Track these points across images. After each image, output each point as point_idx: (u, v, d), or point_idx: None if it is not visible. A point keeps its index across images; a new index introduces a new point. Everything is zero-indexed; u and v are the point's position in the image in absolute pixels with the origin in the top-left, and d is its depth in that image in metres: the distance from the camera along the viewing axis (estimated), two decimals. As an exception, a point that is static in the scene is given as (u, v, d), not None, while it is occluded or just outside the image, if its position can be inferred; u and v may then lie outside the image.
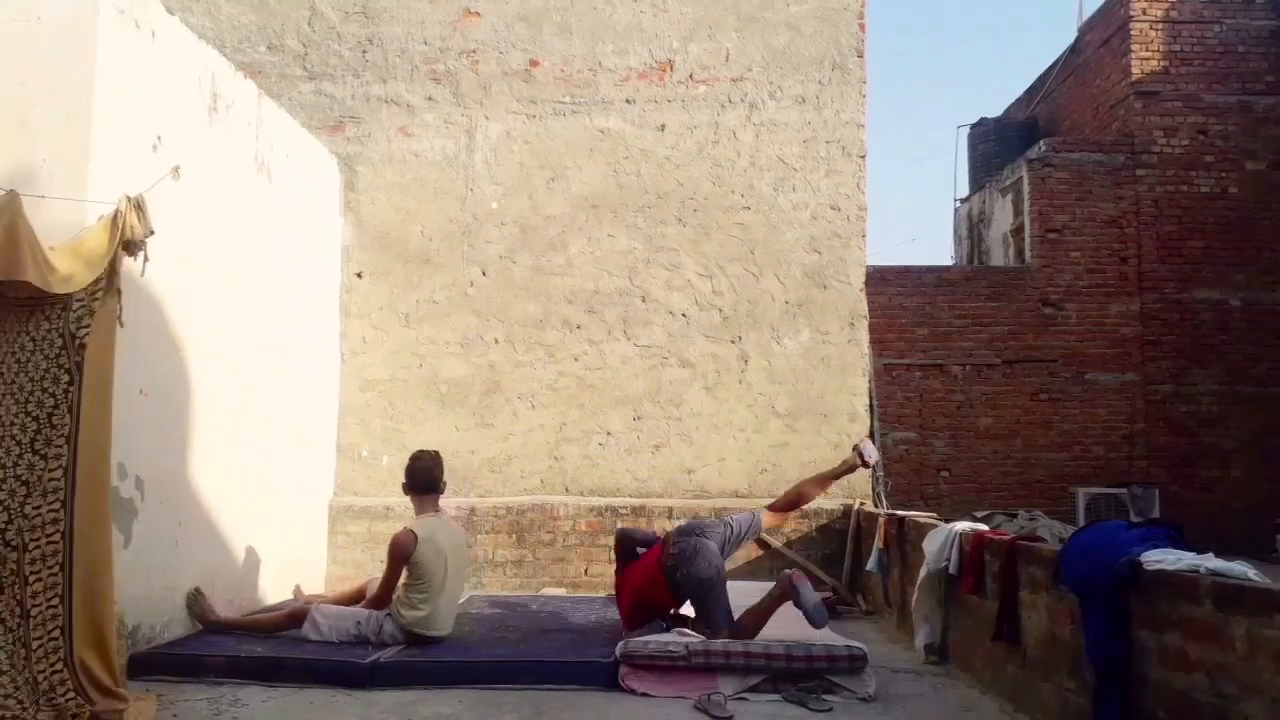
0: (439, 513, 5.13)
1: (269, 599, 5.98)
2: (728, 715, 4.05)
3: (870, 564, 6.26)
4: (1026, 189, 11.78)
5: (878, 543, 6.13)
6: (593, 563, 7.07)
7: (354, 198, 7.53)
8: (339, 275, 7.45)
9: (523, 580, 7.03)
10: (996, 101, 30.50)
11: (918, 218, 35.55)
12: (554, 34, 7.62)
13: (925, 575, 4.98)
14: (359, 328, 7.44)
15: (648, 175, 7.52)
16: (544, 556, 7.07)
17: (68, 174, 4.15)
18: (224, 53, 6.14)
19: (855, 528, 6.96)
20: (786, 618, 4.76)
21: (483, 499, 7.17)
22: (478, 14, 7.63)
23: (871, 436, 7.44)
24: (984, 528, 4.97)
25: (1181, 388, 11.35)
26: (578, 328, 7.42)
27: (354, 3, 7.65)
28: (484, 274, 7.47)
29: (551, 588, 6.99)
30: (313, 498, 6.97)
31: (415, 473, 5.11)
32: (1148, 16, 11.71)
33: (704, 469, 7.29)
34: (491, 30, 7.63)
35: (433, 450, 5.28)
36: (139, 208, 4.07)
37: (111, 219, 3.93)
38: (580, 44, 7.61)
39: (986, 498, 10.72)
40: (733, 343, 7.39)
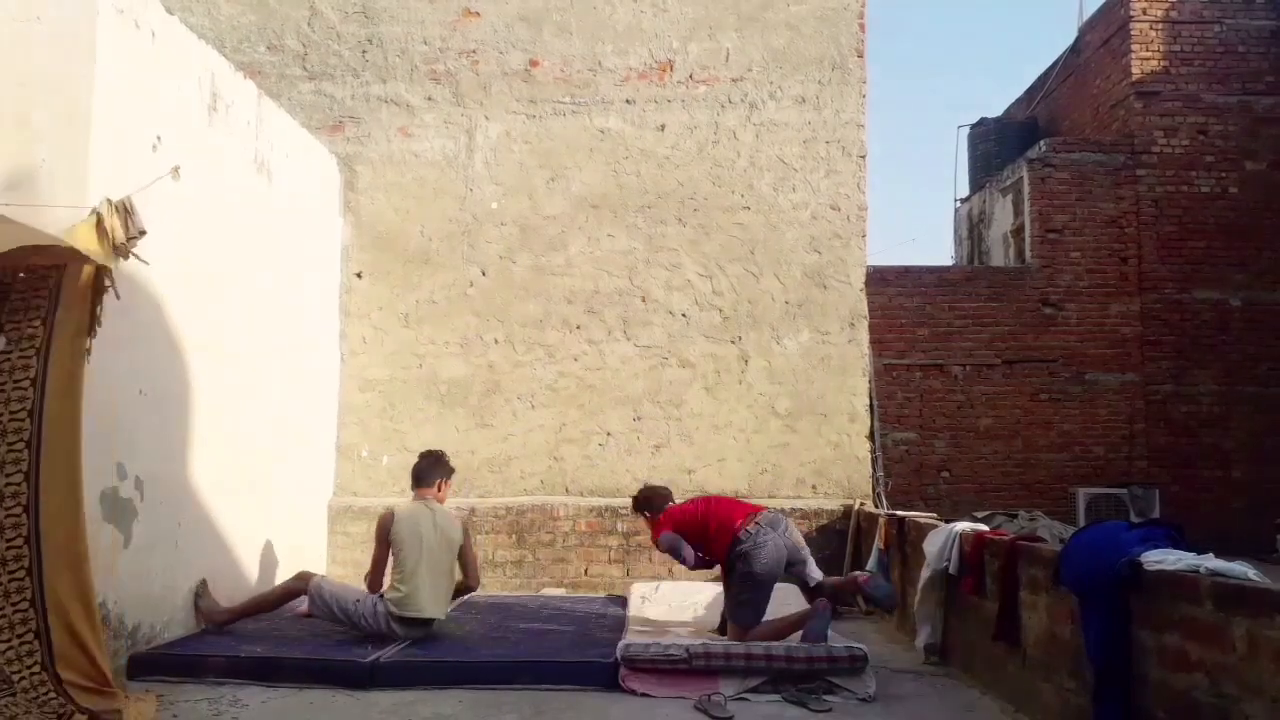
0: (427, 501, 5.30)
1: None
2: (728, 715, 4.05)
3: (870, 564, 6.25)
4: (1027, 189, 11.78)
5: (878, 543, 6.13)
6: (593, 563, 7.07)
7: (354, 198, 7.53)
8: (339, 275, 7.45)
9: (523, 580, 7.03)
10: (996, 101, 30.49)
11: (918, 218, 35.57)
12: (554, 34, 7.62)
13: (928, 577, 4.97)
14: (359, 328, 7.44)
15: (648, 175, 7.52)
16: (544, 557, 7.07)
17: (68, 174, 4.14)
18: (224, 53, 6.14)
19: (855, 528, 6.96)
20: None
21: (483, 499, 7.17)
22: (478, 14, 7.63)
23: (871, 437, 7.44)
24: (984, 528, 4.97)
25: (1181, 388, 11.34)
26: (578, 328, 7.42)
27: (354, 3, 7.65)
28: (484, 274, 7.47)
29: (551, 588, 6.99)
30: (312, 498, 6.97)
31: (413, 468, 5.49)
32: (1148, 16, 11.70)
33: (704, 469, 7.29)
34: (491, 30, 7.62)
35: (437, 451, 5.53)
36: (124, 210, 4.02)
37: (95, 222, 3.90)
38: (580, 44, 7.61)
39: (987, 498, 10.71)
40: (733, 343, 7.39)
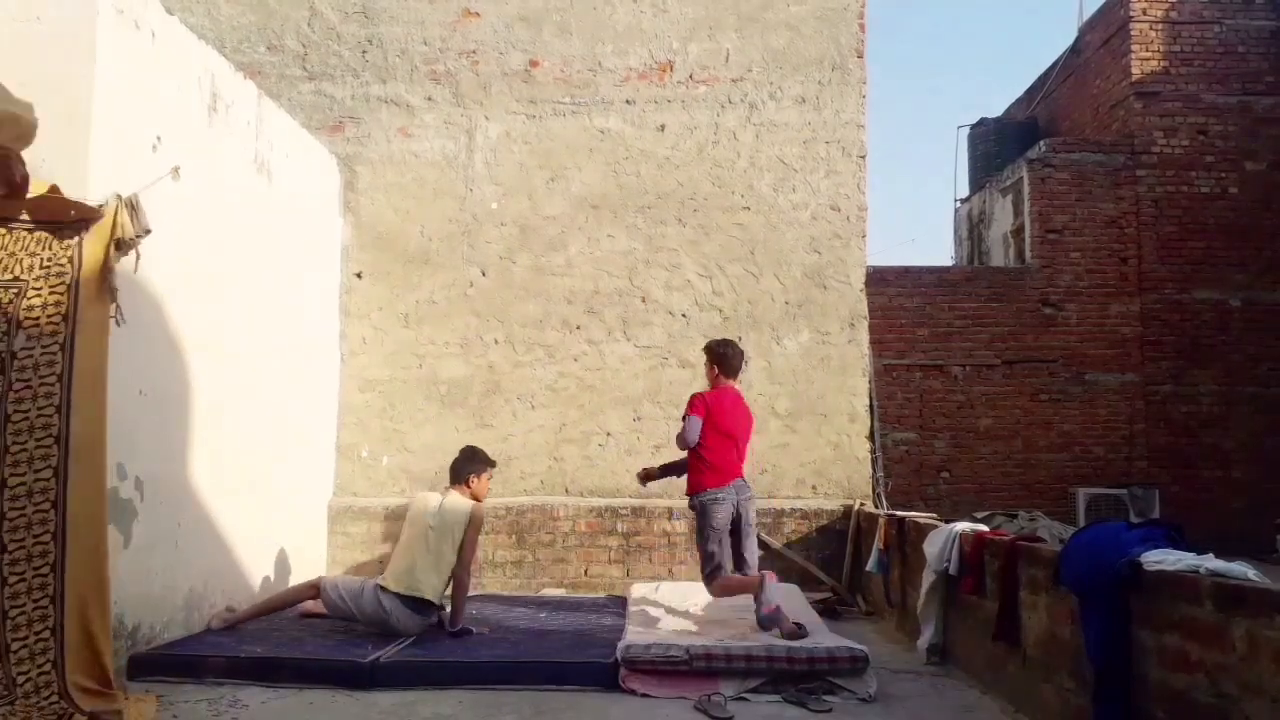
0: (447, 490, 5.51)
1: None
2: (728, 716, 4.05)
3: (870, 565, 6.26)
4: (1026, 189, 11.78)
5: (878, 543, 6.13)
6: (592, 563, 7.07)
7: (354, 198, 7.53)
8: (339, 275, 7.45)
9: (523, 580, 7.03)
10: (996, 101, 30.52)
11: (918, 218, 35.57)
12: (554, 34, 7.62)
13: (931, 581, 4.96)
14: (359, 328, 7.44)
15: (648, 175, 7.52)
16: (544, 557, 7.06)
17: (68, 174, 4.14)
18: (224, 53, 6.15)
19: (855, 528, 6.96)
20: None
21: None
22: (477, 14, 7.63)
23: (871, 437, 7.44)
24: (984, 528, 4.96)
25: (1181, 388, 11.34)
26: (577, 328, 7.42)
27: (354, 3, 7.65)
28: (484, 274, 7.47)
29: (551, 588, 6.99)
30: (312, 498, 6.97)
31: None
32: (1148, 17, 11.71)
33: (704, 469, 7.27)
34: (491, 30, 7.63)
35: (469, 447, 5.73)
36: (131, 207, 4.05)
37: (108, 219, 3.92)
38: (580, 44, 7.61)
39: (987, 498, 10.71)
40: (733, 343, 7.38)
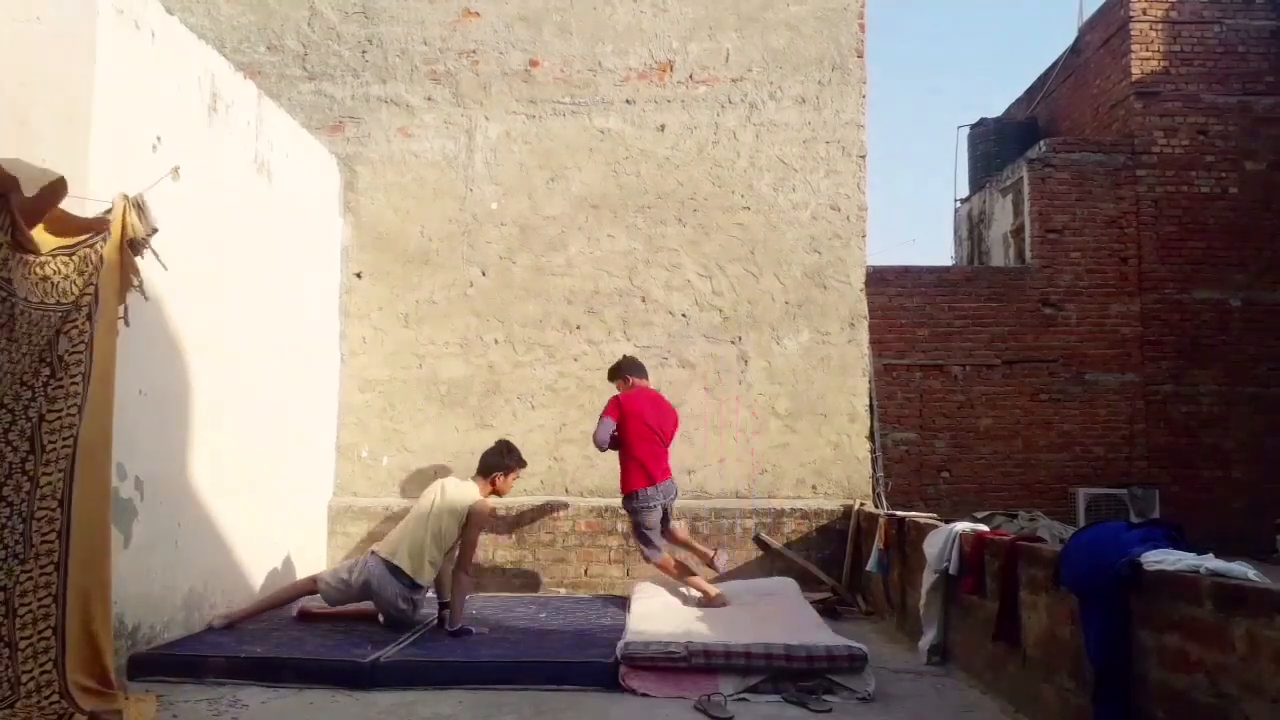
0: (465, 480, 5.65)
1: (269, 599, 5.97)
2: (728, 715, 4.05)
3: (870, 564, 6.25)
4: (1026, 189, 11.78)
5: (878, 543, 6.12)
6: (593, 563, 7.07)
7: (354, 198, 7.53)
8: (339, 275, 7.45)
9: (523, 580, 7.03)
10: (996, 101, 30.53)
11: (918, 218, 35.58)
12: (554, 34, 7.62)
13: (932, 581, 4.96)
14: (358, 328, 7.44)
15: (648, 175, 7.52)
16: (544, 557, 7.06)
17: (68, 174, 4.09)
18: (224, 53, 6.15)
19: (855, 528, 6.96)
20: (782, 619, 4.76)
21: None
22: (477, 14, 7.63)
23: (871, 437, 7.44)
24: (984, 528, 4.96)
25: (1181, 388, 11.34)
26: (577, 328, 7.42)
27: (354, 3, 7.65)
28: (484, 274, 7.47)
29: (552, 588, 6.98)
30: (312, 498, 6.97)
31: None
32: (1148, 16, 11.71)
33: (704, 469, 7.29)
34: (491, 30, 7.63)
35: (497, 443, 5.86)
36: (138, 207, 4.07)
37: (116, 219, 3.93)
38: (580, 44, 7.61)
39: (987, 498, 10.71)
40: (733, 343, 7.39)
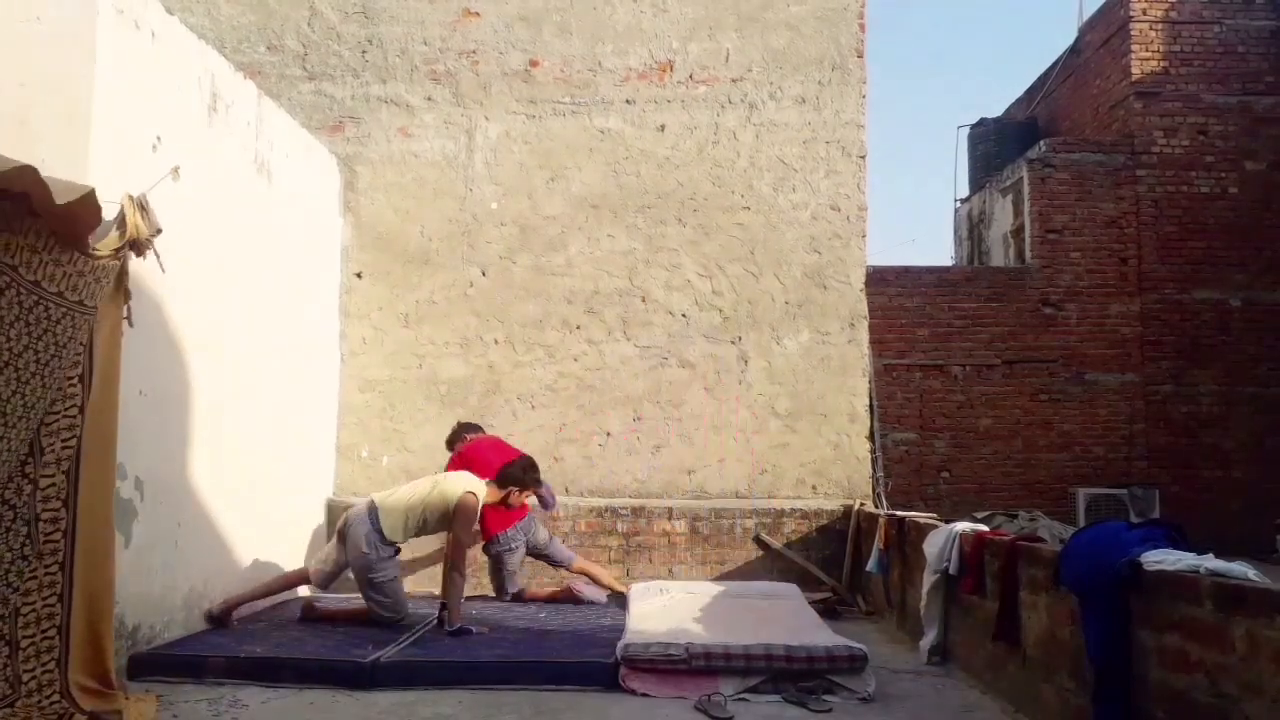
0: (458, 475, 5.68)
1: (269, 600, 5.96)
2: (728, 715, 4.05)
3: (870, 565, 6.25)
4: (1026, 189, 11.78)
5: (878, 543, 6.12)
6: (593, 563, 7.06)
7: (354, 198, 7.53)
8: (339, 275, 7.45)
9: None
10: (996, 101, 30.52)
11: (918, 218, 35.59)
12: (554, 34, 7.62)
13: (933, 581, 4.96)
14: (358, 328, 7.44)
15: (648, 175, 7.52)
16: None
17: (68, 174, 4.11)
18: (224, 53, 6.14)
19: (855, 528, 6.95)
20: (782, 620, 4.76)
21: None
22: (477, 14, 7.63)
23: (871, 437, 7.44)
24: (984, 528, 4.96)
25: (1181, 388, 11.34)
26: (577, 328, 7.42)
27: (354, 3, 7.65)
28: (484, 274, 7.47)
29: (552, 588, 6.97)
30: (312, 498, 6.97)
31: None
32: (1148, 17, 11.71)
33: (704, 469, 7.29)
34: (491, 30, 7.63)
35: (532, 460, 5.91)
36: (142, 207, 4.08)
37: (117, 219, 3.93)
38: (580, 44, 7.61)
39: (987, 498, 10.71)
40: (733, 343, 7.39)
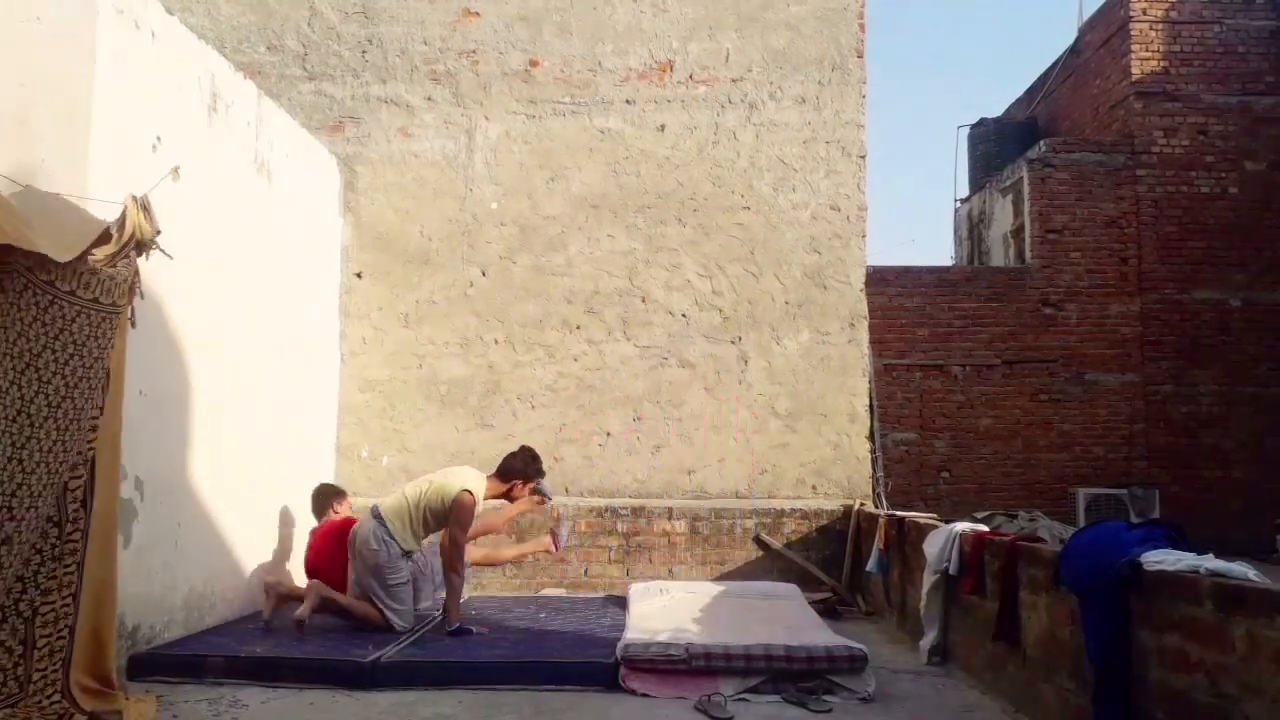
0: (474, 471, 5.60)
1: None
2: (728, 716, 4.05)
3: (870, 565, 6.26)
4: (1026, 189, 11.78)
5: (878, 543, 6.13)
6: (592, 563, 7.07)
7: (354, 198, 7.53)
8: (339, 275, 7.45)
9: (523, 580, 7.03)
10: (996, 101, 30.52)
11: (918, 218, 35.60)
12: (554, 34, 7.62)
13: (933, 581, 4.96)
14: (358, 328, 7.44)
15: (648, 175, 7.52)
16: (544, 557, 7.04)
17: (67, 174, 4.14)
18: (224, 53, 6.15)
19: (855, 529, 6.96)
20: (782, 620, 4.76)
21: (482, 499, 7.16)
22: (477, 14, 7.63)
23: (871, 437, 7.44)
24: (984, 528, 4.96)
25: (1181, 388, 11.34)
26: (577, 328, 7.42)
27: (354, 3, 7.65)
28: (484, 274, 7.47)
29: (551, 588, 6.99)
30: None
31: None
32: (1148, 17, 11.71)
33: (704, 469, 7.29)
34: (491, 30, 7.62)
35: (533, 451, 5.77)
36: (145, 208, 4.08)
37: (117, 220, 3.94)
38: (580, 44, 7.61)
39: (987, 498, 10.71)
40: (733, 343, 7.39)
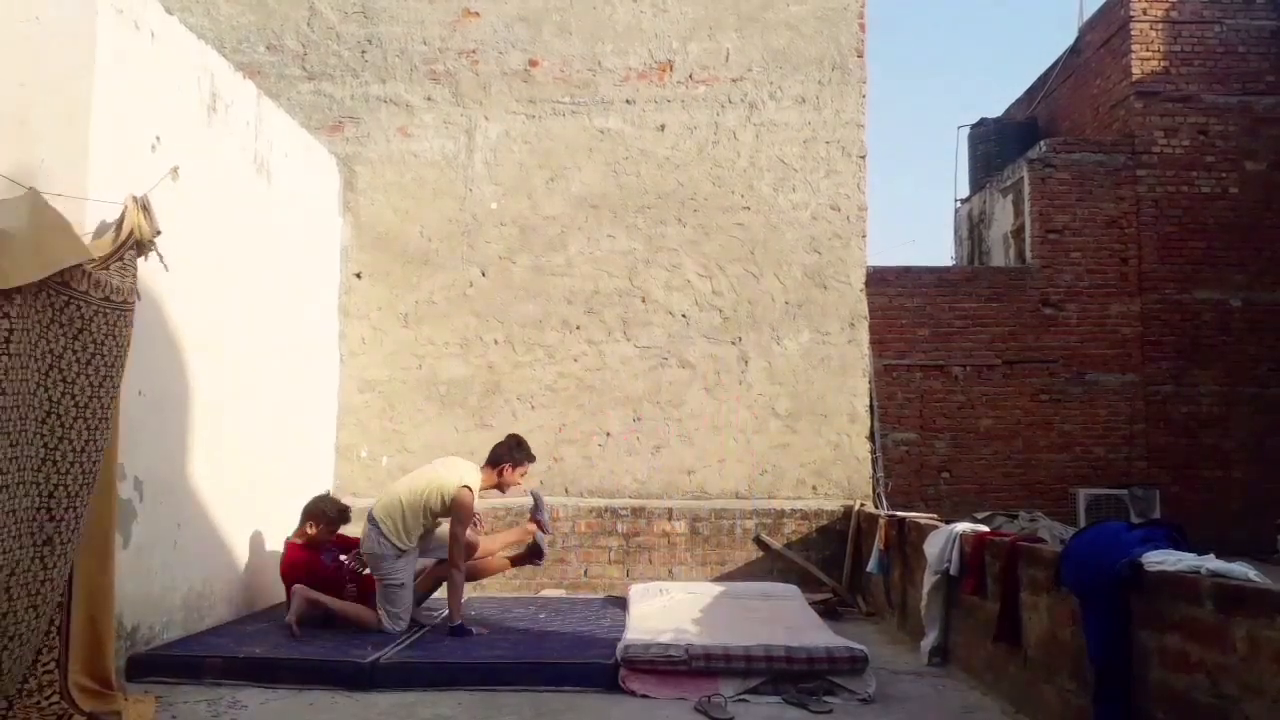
0: (465, 463, 5.57)
1: (269, 599, 5.97)
2: (728, 717, 4.05)
3: (871, 565, 6.25)
4: (1027, 189, 11.78)
5: (878, 544, 6.12)
6: (592, 563, 7.07)
7: (353, 198, 7.53)
8: (338, 275, 7.44)
9: (523, 581, 7.01)
10: (996, 101, 30.55)
11: (918, 218, 35.60)
12: (553, 34, 7.61)
13: (934, 582, 4.96)
14: (358, 328, 7.44)
15: (648, 175, 7.52)
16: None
17: (67, 174, 4.14)
18: (223, 53, 6.14)
19: (855, 529, 6.95)
20: (782, 621, 4.75)
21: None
22: (477, 14, 7.63)
23: (871, 437, 7.44)
24: (984, 529, 4.96)
25: (1182, 388, 11.34)
26: (577, 328, 7.41)
27: (353, 3, 7.65)
28: (483, 274, 7.47)
29: (551, 588, 6.98)
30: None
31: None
32: (1148, 16, 11.70)
33: (704, 470, 7.28)
34: (491, 30, 7.62)
35: (517, 436, 5.72)
36: (145, 208, 4.09)
37: (116, 220, 3.95)
38: (580, 44, 7.60)
39: (987, 499, 10.69)
40: (733, 343, 7.39)
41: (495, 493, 5.75)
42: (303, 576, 5.38)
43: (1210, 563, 2.90)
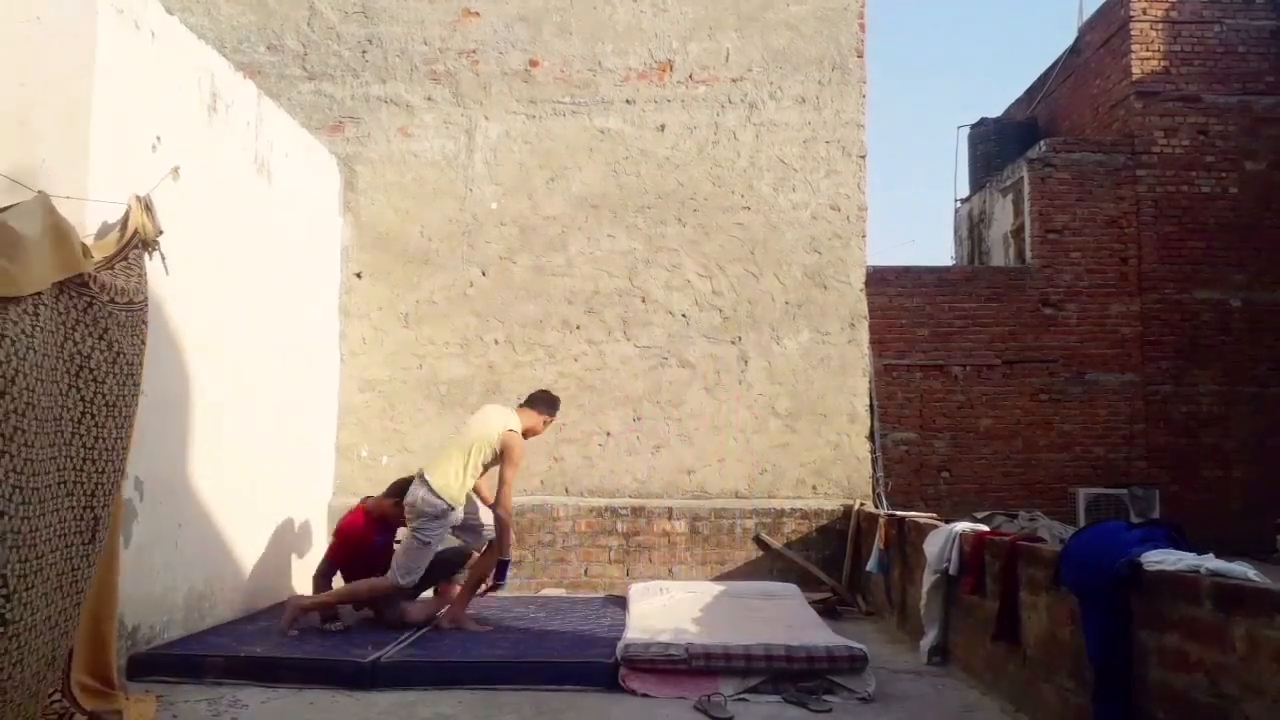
0: (504, 407, 5.61)
1: (269, 599, 5.97)
2: (728, 716, 4.05)
3: (870, 564, 6.26)
4: (1027, 189, 11.78)
5: (878, 543, 6.13)
6: (592, 563, 7.08)
7: (353, 198, 7.53)
8: (338, 275, 7.45)
9: (523, 580, 7.02)
10: (996, 101, 30.55)
11: (918, 218, 35.60)
12: (554, 34, 7.62)
13: (933, 581, 4.96)
14: (358, 328, 7.44)
15: (648, 175, 7.52)
16: (544, 557, 7.07)
17: (68, 174, 4.14)
18: (224, 53, 6.14)
19: (855, 528, 6.96)
20: (782, 620, 4.76)
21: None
22: (477, 14, 7.63)
23: (871, 437, 7.44)
24: (984, 528, 4.96)
25: (1182, 388, 11.34)
26: (577, 328, 7.42)
27: (354, 3, 7.65)
28: (484, 274, 7.47)
29: (551, 588, 6.99)
30: (312, 498, 6.96)
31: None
32: (1148, 16, 11.71)
33: (704, 469, 7.29)
34: (491, 30, 7.63)
35: (551, 393, 5.81)
36: (148, 208, 4.10)
37: (120, 220, 3.95)
38: (580, 44, 7.61)
39: (987, 498, 10.71)
40: (733, 343, 7.39)
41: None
42: (351, 546, 5.57)
43: (1210, 562, 2.91)
